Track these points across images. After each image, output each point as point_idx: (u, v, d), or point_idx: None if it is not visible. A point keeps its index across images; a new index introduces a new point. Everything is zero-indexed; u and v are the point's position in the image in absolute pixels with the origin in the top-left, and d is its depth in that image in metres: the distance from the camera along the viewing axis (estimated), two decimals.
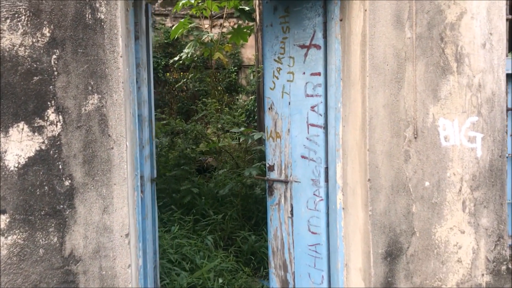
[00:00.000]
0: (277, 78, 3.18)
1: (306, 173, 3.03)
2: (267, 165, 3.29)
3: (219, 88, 11.16)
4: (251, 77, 11.53)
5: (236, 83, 11.43)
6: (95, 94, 2.21)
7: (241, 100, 11.53)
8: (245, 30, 8.16)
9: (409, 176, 2.51)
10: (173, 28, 7.86)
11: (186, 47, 7.41)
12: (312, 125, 2.98)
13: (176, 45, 10.88)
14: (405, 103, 2.49)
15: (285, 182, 3.16)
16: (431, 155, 2.52)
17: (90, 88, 2.21)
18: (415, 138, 2.51)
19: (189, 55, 7.47)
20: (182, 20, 7.53)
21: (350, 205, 2.68)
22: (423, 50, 2.50)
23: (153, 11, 10.83)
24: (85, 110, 2.21)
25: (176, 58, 7.76)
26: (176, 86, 9.42)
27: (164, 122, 6.63)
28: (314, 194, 2.99)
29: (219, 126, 6.82)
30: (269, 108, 3.26)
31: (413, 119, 2.50)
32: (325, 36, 2.88)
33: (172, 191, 5.59)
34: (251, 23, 8.96)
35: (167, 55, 10.56)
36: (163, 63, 9.17)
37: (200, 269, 4.04)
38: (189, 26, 7.62)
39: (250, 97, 10.77)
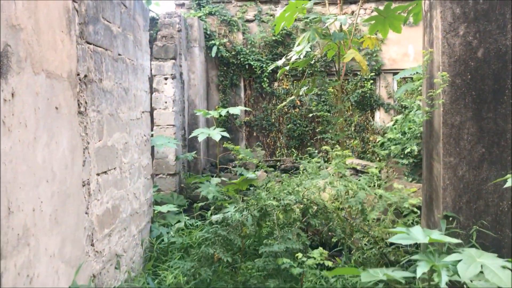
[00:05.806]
0: None
1: None
2: None
3: (347, 103, 7.86)
4: (395, 88, 7.99)
5: (373, 95, 7.96)
6: None
7: (378, 122, 8.02)
8: (398, 12, 4.82)
9: None
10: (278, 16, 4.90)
11: (297, 42, 4.31)
12: None
13: (288, 44, 7.80)
14: None
15: None
16: None
17: None
18: None
19: (301, 56, 4.38)
20: (293, 0, 4.48)
21: None
22: None
23: None
24: None
25: (280, 62, 4.68)
26: (277, 108, 6.12)
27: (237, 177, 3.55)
28: None
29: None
30: None
31: None
32: None
33: None
34: (407, 2, 5.47)
35: (275, 58, 7.58)
36: (269, 69, 6.25)
37: None
38: (303, 7, 4.53)
39: (393, 117, 7.26)
